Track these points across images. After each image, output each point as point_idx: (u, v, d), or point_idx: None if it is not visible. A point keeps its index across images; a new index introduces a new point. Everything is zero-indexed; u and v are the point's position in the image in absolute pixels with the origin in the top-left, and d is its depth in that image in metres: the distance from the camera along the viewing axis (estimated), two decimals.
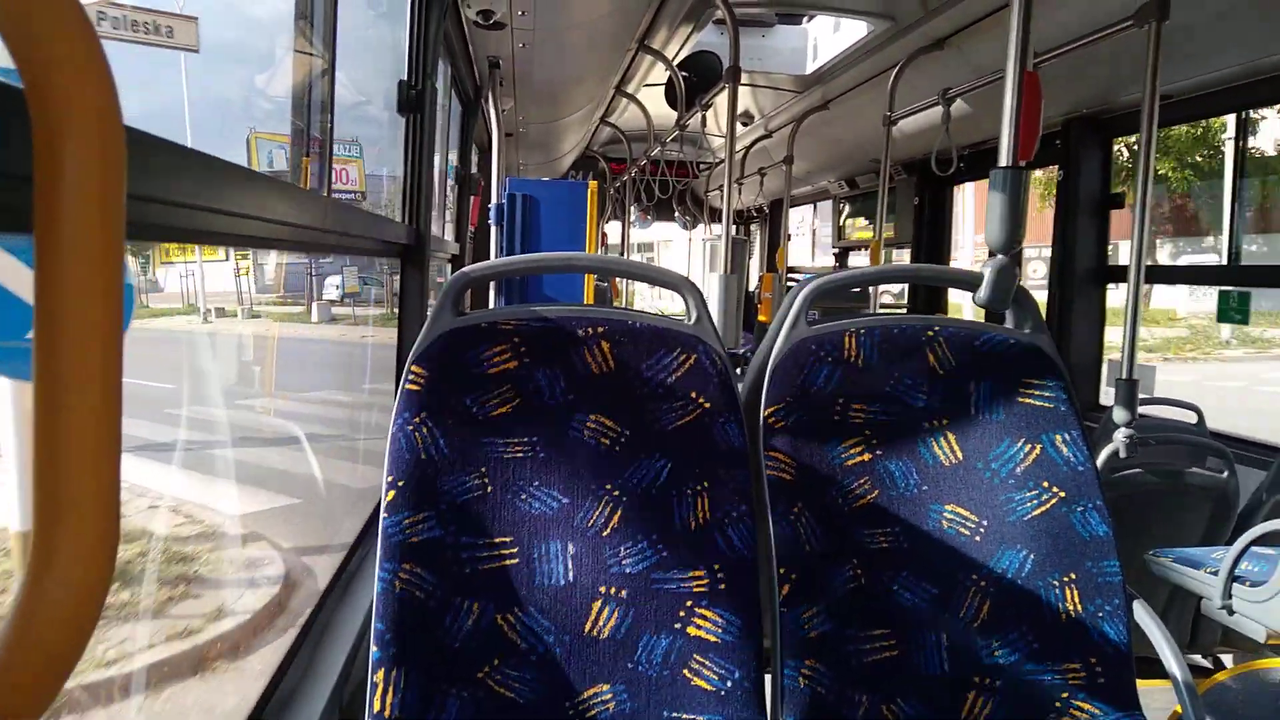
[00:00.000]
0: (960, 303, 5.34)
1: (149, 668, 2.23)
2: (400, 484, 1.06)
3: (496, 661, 1.06)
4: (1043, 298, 3.12)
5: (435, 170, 2.32)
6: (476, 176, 4.08)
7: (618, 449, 1.14)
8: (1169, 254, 12.38)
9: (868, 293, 4.41)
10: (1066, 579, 1.17)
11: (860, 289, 5.19)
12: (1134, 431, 2.01)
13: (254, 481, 3.88)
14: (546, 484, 1.12)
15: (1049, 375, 1.22)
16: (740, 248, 3.70)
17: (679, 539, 1.11)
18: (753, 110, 4.89)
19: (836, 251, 6.00)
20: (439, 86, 2.11)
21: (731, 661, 1.07)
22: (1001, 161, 1.26)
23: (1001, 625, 1.16)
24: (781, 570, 1.12)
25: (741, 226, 7.66)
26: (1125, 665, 1.14)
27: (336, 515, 3.70)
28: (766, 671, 1.11)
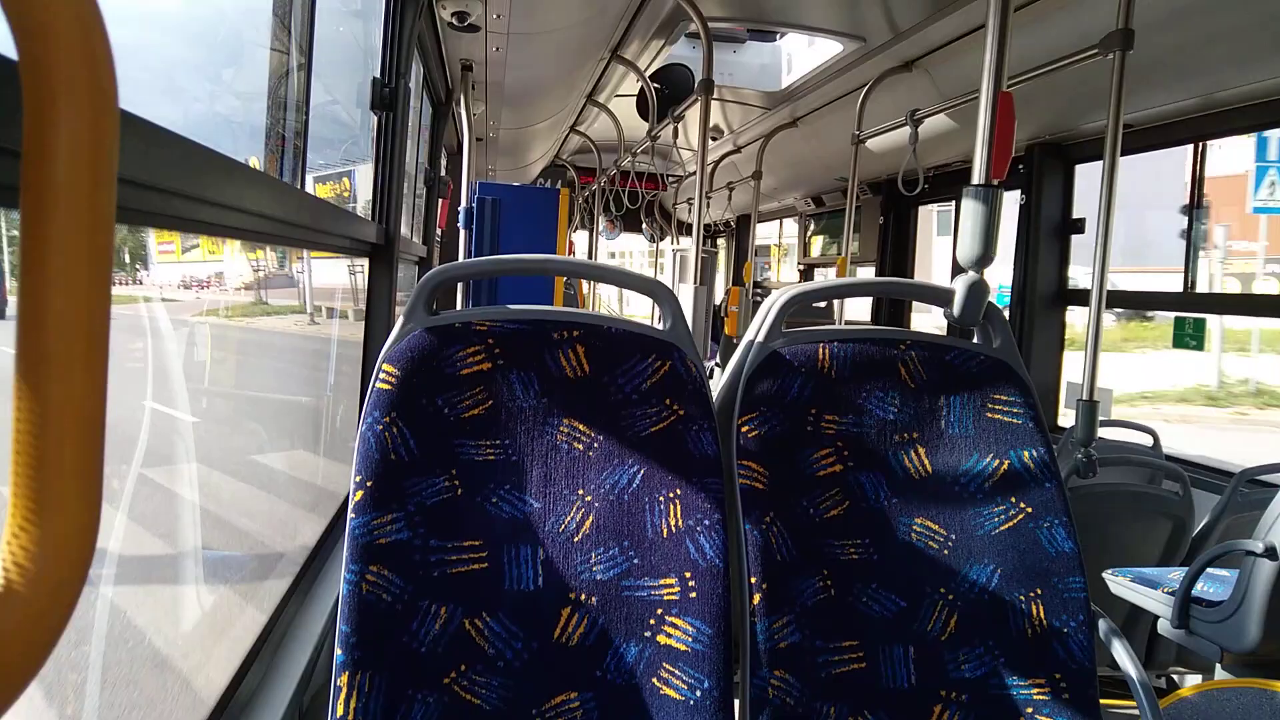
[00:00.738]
0: (918, 323, 5.41)
1: None
2: (369, 484, 1.04)
3: (464, 667, 1.04)
4: None
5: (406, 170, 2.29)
6: (446, 179, 4.04)
7: (590, 454, 1.12)
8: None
9: (832, 310, 4.45)
10: (1033, 594, 1.18)
11: (825, 305, 5.26)
12: (1093, 451, 2.06)
13: None
14: (518, 488, 1.10)
15: (1018, 391, 1.24)
16: (709, 261, 3.72)
17: (650, 546, 1.10)
18: (722, 125, 4.93)
19: (802, 268, 6.06)
20: (410, 87, 2.09)
21: (701, 671, 1.06)
22: (975, 179, 1.28)
23: (968, 639, 1.17)
24: (753, 580, 1.11)
25: (709, 240, 7.71)
26: (1089, 682, 1.15)
27: None
28: (735, 681, 1.10)
